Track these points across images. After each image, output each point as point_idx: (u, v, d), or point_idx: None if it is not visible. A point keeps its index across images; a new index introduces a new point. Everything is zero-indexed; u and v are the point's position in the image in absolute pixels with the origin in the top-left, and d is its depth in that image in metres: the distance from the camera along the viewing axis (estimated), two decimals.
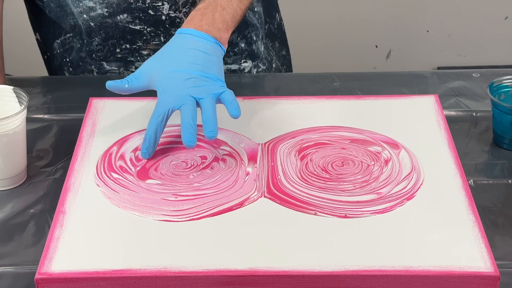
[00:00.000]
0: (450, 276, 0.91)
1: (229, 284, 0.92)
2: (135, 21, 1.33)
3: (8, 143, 1.08)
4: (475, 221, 0.99)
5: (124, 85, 1.11)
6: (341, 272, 0.92)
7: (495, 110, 1.17)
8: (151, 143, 1.09)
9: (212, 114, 1.07)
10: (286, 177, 1.06)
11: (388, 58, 2.68)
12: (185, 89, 1.09)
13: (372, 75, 1.40)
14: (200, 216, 1.00)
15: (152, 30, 1.35)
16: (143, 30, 1.34)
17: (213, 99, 1.09)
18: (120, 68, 1.39)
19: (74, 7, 1.33)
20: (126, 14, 1.32)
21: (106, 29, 1.34)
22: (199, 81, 1.09)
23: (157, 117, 1.08)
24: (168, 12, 1.33)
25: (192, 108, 1.07)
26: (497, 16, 2.62)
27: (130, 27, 1.34)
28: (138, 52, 1.37)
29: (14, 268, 0.98)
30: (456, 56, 2.69)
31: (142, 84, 1.12)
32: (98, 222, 1.00)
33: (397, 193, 1.03)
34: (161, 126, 1.08)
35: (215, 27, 1.15)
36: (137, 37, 1.35)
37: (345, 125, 1.16)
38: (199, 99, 1.08)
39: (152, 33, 1.35)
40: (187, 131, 1.05)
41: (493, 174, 1.13)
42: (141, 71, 1.12)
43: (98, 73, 1.40)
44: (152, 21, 1.33)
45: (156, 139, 1.09)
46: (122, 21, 1.32)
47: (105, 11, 1.32)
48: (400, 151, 1.11)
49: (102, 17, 1.33)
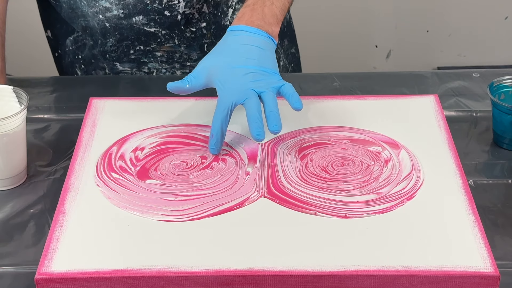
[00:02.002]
0: (450, 276, 0.91)
1: (229, 284, 0.92)
2: (150, 24, 1.33)
3: (8, 143, 1.08)
4: (475, 221, 0.99)
5: (184, 85, 1.12)
6: (341, 272, 0.92)
7: (495, 110, 1.17)
8: (218, 138, 1.09)
9: (275, 107, 1.08)
10: (286, 177, 1.06)
11: (388, 58, 2.68)
12: (245, 83, 1.10)
13: (372, 75, 1.40)
14: (200, 216, 1.00)
15: (167, 33, 1.35)
16: (157, 33, 1.34)
17: (274, 93, 1.10)
18: (132, 69, 1.39)
19: (89, 7, 1.33)
20: (142, 16, 1.32)
21: (121, 31, 1.34)
22: (257, 75, 1.10)
23: (221, 112, 1.08)
24: (184, 10, 1.33)
25: (256, 101, 1.08)
26: (497, 16, 2.62)
27: (145, 29, 1.34)
28: (151, 54, 1.37)
29: (14, 268, 0.98)
30: (456, 56, 2.69)
31: (201, 82, 1.13)
32: (98, 222, 1.00)
33: (397, 193, 1.03)
34: (226, 121, 1.09)
35: (266, 21, 1.16)
36: (152, 39, 1.36)
37: (345, 125, 1.16)
38: (260, 92, 1.09)
39: (166, 36, 1.35)
40: (255, 124, 1.06)
41: (493, 174, 1.13)
42: (199, 70, 1.13)
43: (111, 73, 1.40)
44: (167, 24, 1.34)
45: (222, 134, 1.09)
46: (137, 23, 1.33)
47: (120, 12, 1.32)
48: (400, 151, 1.11)
49: (118, 19, 1.33)
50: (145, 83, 1.34)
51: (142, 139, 1.13)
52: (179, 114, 1.18)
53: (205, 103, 1.21)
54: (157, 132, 1.15)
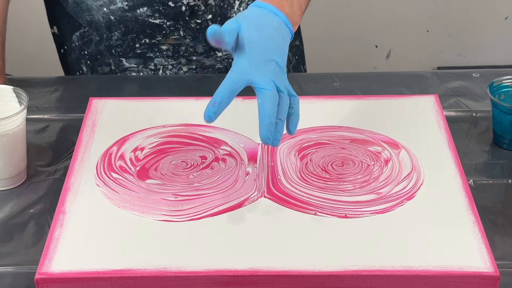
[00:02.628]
0: (450, 276, 0.91)
1: (229, 284, 0.92)
2: (154, 15, 1.33)
3: (8, 143, 1.08)
4: (475, 221, 0.99)
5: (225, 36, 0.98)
6: (341, 272, 0.92)
7: (495, 110, 1.17)
8: (221, 108, 0.97)
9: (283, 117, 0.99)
10: (286, 177, 1.06)
11: (388, 58, 2.68)
12: (268, 71, 0.99)
13: (372, 75, 1.40)
14: (200, 216, 1.00)
15: (172, 24, 1.34)
16: (162, 24, 1.34)
17: (288, 100, 1.00)
18: (139, 66, 1.39)
19: (94, 1, 1.33)
20: (146, 8, 1.32)
21: (126, 23, 1.34)
22: (277, 69, 1.00)
23: (234, 84, 0.97)
24: (188, 1, 1.33)
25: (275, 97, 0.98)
26: (497, 16, 2.62)
27: (149, 21, 1.33)
28: (157, 47, 1.37)
29: (14, 268, 0.98)
30: (456, 56, 2.69)
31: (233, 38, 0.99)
32: (98, 222, 1.00)
33: (397, 193, 1.03)
34: (234, 94, 0.97)
35: (294, 11, 1.06)
36: (157, 32, 1.35)
37: (345, 125, 1.16)
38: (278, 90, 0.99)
39: (171, 27, 1.35)
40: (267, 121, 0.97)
41: (493, 174, 1.13)
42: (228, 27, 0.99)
43: (117, 70, 1.39)
44: (171, 15, 1.33)
45: (226, 105, 0.97)
46: (141, 15, 1.32)
47: (125, 5, 1.32)
48: (400, 151, 1.11)
49: (122, 11, 1.33)
50: (145, 83, 1.34)
51: (142, 139, 1.13)
52: (179, 114, 1.18)
53: (205, 103, 1.20)
54: (157, 132, 1.15)
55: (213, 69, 1.39)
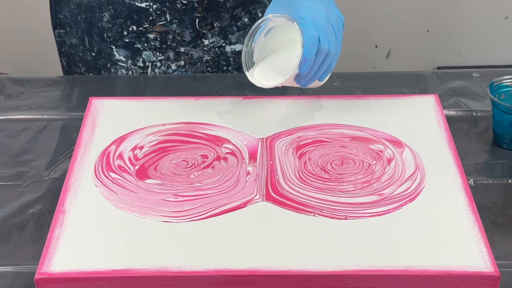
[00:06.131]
0: (450, 276, 0.91)
1: (229, 284, 0.92)
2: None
3: None
4: (475, 221, 0.98)
5: None
6: (341, 272, 0.92)
7: (495, 110, 1.17)
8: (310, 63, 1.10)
9: None
10: (285, 177, 1.06)
11: (388, 58, 2.68)
12: None
13: (372, 75, 1.40)
14: (200, 217, 1.00)
15: (158, 7, 1.34)
16: (149, 8, 1.34)
17: None
18: (128, 60, 1.39)
19: None
20: None
21: (114, 5, 1.34)
22: None
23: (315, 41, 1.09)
24: None
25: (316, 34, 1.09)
26: (497, 16, 2.62)
27: (136, 4, 1.33)
28: (145, 36, 1.37)
29: (14, 268, 0.98)
30: (456, 56, 2.69)
31: None
32: (99, 222, 0.99)
33: (400, 195, 1.03)
34: None
35: None
36: (143, 17, 1.35)
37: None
38: None
39: (158, 11, 1.34)
40: None
41: (493, 174, 1.13)
42: None
43: (110, 62, 1.39)
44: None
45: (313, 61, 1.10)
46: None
47: None
48: (404, 149, 1.10)
49: None
50: (145, 83, 1.35)
51: (141, 138, 1.13)
52: (180, 114, 1.18)
53: (205, 102, 1.21)
54: (156, 130, 1.15)
55: (201, 63, 1.39)
